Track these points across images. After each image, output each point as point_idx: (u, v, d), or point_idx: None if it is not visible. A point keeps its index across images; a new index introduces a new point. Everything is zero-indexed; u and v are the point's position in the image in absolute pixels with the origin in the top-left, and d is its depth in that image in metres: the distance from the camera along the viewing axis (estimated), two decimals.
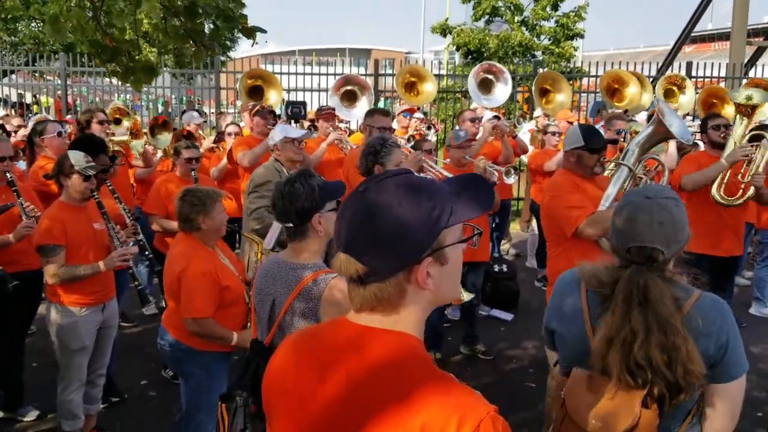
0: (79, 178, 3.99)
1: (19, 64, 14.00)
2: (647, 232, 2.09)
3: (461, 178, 1.42)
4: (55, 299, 4.02)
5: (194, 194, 3.61)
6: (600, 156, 3.92)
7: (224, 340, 3.53)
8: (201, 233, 3.60)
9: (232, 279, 3.63)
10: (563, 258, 3.87)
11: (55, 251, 3.90)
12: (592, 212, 3.70)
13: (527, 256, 8.71)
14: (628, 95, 8.53)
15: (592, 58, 23.09)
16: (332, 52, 33.34)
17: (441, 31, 18.17)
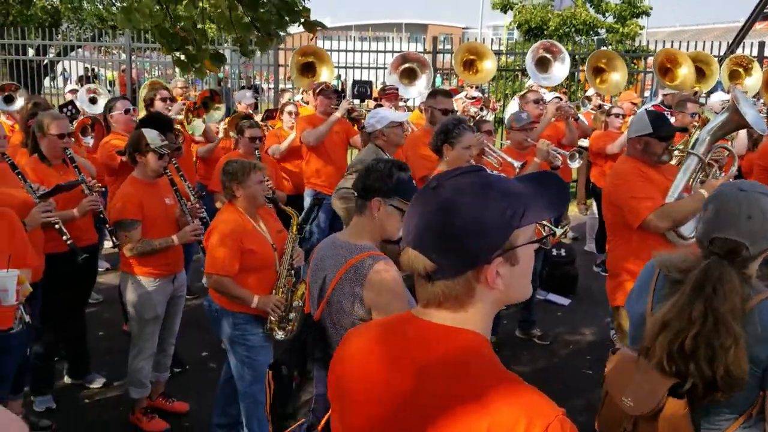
0: (154, 156, 4.16)
1: (86, 39, 14.38)
2: (733, 224, 2.05)
3: (535, 176, 1.40)
4: (130, 270, 4.21)
5: (231, 164, 3.88)
6: (668, 144, 3.79)
7: (243, 300, 3.71)
8: (239, 201, 3.83)
9: (261, 245, 3.81)
10: (624, 247, 3.79)
11: (133, 225, 4.08)
12: (660, 203, 3.59)
13: (586, 240, 8.54)
14: (680, 75, 8.24)
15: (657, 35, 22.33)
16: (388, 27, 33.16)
17: (501, 7, 17.80)
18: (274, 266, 3.86)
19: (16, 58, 12.54)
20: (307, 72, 8.25)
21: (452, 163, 4.11)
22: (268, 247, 3.85)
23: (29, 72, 12.55)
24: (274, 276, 3.86)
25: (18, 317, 3.37)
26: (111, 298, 6.13)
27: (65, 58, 14.77)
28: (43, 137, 4.42)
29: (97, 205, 4.41)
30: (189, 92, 8.54)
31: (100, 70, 17.04)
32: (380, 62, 11.74)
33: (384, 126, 4.82)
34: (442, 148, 4.26)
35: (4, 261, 3.23)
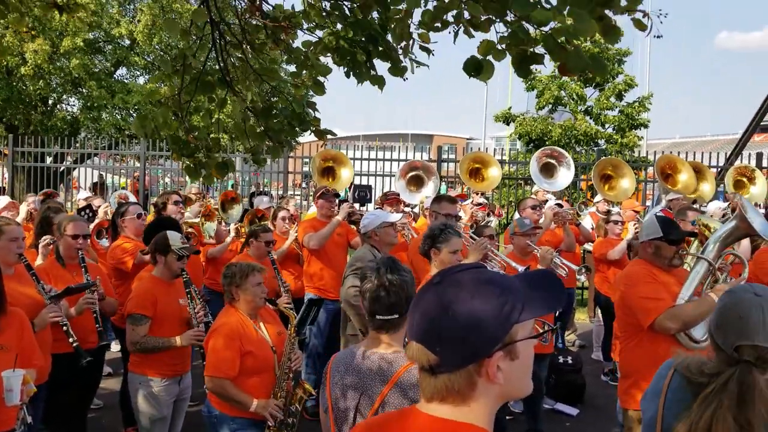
0: (174, 257, 4.31)
1: (103, 148, 14.90)
2: (760, 332, 2.06)
3: (533, 274, 1.46)
4: (139, 371, 4.24)
5: (230, 268, 3.97)
6: (679, 248, 3.88)
7: (242, 403, 3.69)
8: (239, 303, 3.89)
9: (260, 347, 3.82)
10: (636, 350, 3.80)
11: (141, 321, 4.17)
12: (670, 305, 3.64)
13: (593, 348, 8.44)
14: (681, 181, 8.42)
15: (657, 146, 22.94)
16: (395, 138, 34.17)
17: (503, 119, 18.46)
18: (274, 369, 3.85)
19: (34, 165, 12.95)
20: (326, 175, 8.48)
21: (440, 268, 4.17)
22: (268, 349, 3.86)
23: (46, 179, 12.92)
24: (273, 379, 3.84)
25: (20, 418, 3.34)
26: (111, 404, 6.03)
27: (81, 165, 15.23)
28: (60, 238, 4.54)
29: (93, 305, 4.46)
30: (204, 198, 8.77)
31: (114, 177, 17.52)
32: (386, 170, 12.07)
33: (376, 226, 4.95)
34: (430, 252, 4.34)
35: (12, 360, 3.24)
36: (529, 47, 2.53)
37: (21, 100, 17.48)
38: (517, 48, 2.53)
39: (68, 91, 18.53)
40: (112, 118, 18.30)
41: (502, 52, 2.57)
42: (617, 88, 17.60)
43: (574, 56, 2.47)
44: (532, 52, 2.56)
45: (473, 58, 2.56)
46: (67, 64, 16.91)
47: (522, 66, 2.60)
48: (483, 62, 2.56)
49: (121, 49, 19.19)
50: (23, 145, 13.00)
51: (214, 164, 3.46)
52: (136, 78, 20.32)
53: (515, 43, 2.52)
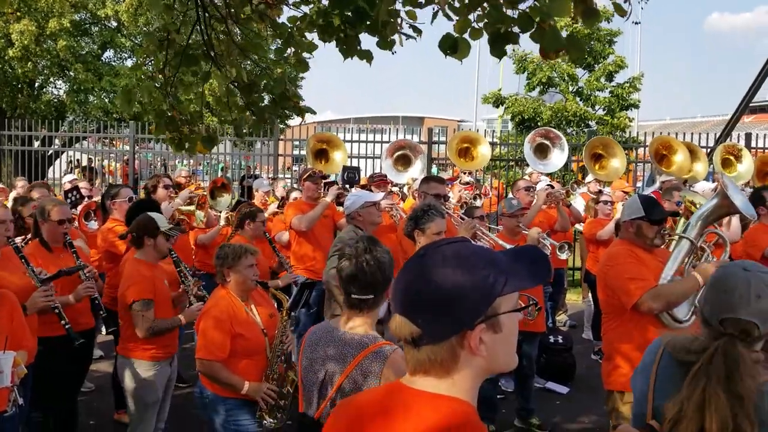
0: (163, 238, 4.29)
1: (91, 131, 14.78)
2: (744, 305, 2.06)
3: (518, 249, 1.46)
4: (130, 354, 4.21)
5: (223, 249, 3.95)
6: (660, 228, 3.87)
7: (233, 386, 3.69)
8: (230, 285, 3.87)
9: (251, 330, 3.81)
10: (619, 330, 3.80)
11: (149, 306, 4.14)
12: (652, 285, 3.63)
13: (583, 328, 8.50)
14: (676, 162, 8.41)
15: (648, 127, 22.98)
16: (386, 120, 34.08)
17: (494, 101, 18.40)
18: (265, 352, 3.85)
19: (22, 148, 12.84)
20: (320, 158, 8.43)
21: None
22: (259, 332, 3.85)
23: (34, 162, 12.81)
24: (265, 361, 3.84)
25: (11, 400, 3.34)
26: (103, 387, 6.04)
27: (69, 149, 15.11)
28: (44, 222, 4.50)
29: (93, 291, 4.44)
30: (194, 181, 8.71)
31: (104, 161, 17.41)
32: (377, 152, 12.03)
33: (359, 206, 4.94)
34: (413, 233, 4.36)
35: (2, 342, 3.23)
36: (504, 26, 2.51)
37: (7, 82, 17.28)
38: (492, 27, 2.50)
39: (55, 73, 18.33)
40: (99, 102, 18.15)
41: (478, 30, 2.54)
42: (607, 69, 17.56)
43: (550, 36, 2.45)
44: (507, 31, 2.53)
45: (449, 36, 2.54)
46: (54, 46, 16.71)
47: (497, 45, 2.58)
48: (459, 40, 2.54)
49: (108, 31, 18.99)
50: (10, 129, 12.87)
51: (199, 138, 3.43)
52: (123, 60, 20.14)
53: (491, 21, 2.49)
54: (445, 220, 4.49)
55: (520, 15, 2.48)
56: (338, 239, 4.96)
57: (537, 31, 2.47)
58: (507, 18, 2.47)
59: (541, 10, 2.40)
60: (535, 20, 2.44)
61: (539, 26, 2.45)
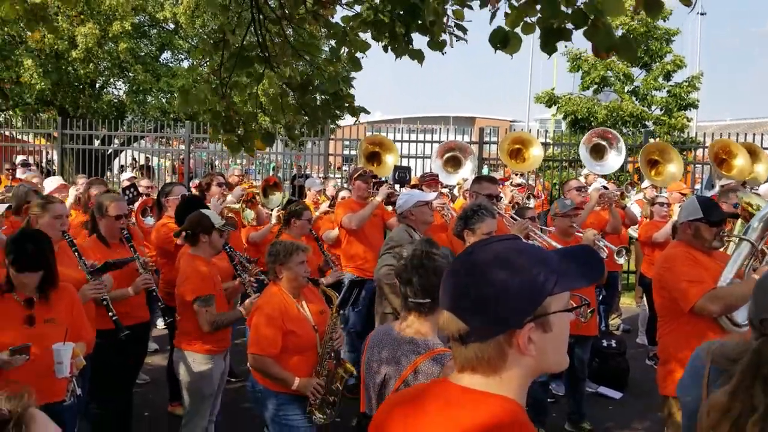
0: (218, 234, 4.38)
1: (149, 130, 15.19)
2: None
3: (570, 248, 1.43)
4: (188, 348, 4.31)
5: (275, 246, 4.00)
6: (719, 229, 3.75)
7: (284, 381, 3.73)
8: (282, 282, 3.92)
9: (302, 326, 3.85)
10: (675, 334, 3.70)
11: (210, 302, 4.24)
12: (711, 287, 3.53)
13: (638, 333, 8.31)
14: (736, 166, 8.13)
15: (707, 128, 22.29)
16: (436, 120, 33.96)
17: (547, 101, 18.13)
18: (316, 348, 3.89)
19: (83, 147, 13.29)
20: (372, 160, 8.47)
21: None
22: (310, 328, 3.89)
23: (94, 160, 13.24)
24: (315, 358, 3.88)
25: (70, 390, 3.45)
26: (158, 379, 6.19)
27: (127, 148, 15.55)
28: (102, 218, 4.63)
29: (150, 284, 4.54)
30: (246, 180, 8.86)
31: (160, 160, 17.87)
32: (427, 152, 12.01)
33: (411, 205, 4.93)
34: (463, 233, 4.33)
35: (62, 334, 3.35)
36: (557, 21, 2.46)
37: (69, 83, 17.89)
38: (545, 22, 2.46)
39: (115, 74, 18.91)
40: (157, 102, 18.64)
41: (530, 25, 2.50)
42: (665, 68, 17.11)
43: (602, 34, 2.40)
44: (560, 27, 2.49)
45: (500, 29, 2.51)
46: (115, 48, 17.24)
47: (548, 41, 2.53)
48: (510, 35, 2.50)
49: (166, 33, 19.49)
50: (72, 128, 13.33)
51: (257, 136, 3.49)
52: (180, 62, 20.63)
53: (545, 16, 2.45)
54: (496, 221, 4.45)
55: (574, 11, 2.44)
56: (390, 237, 4.98)
57: (590, 29, 2.43)
58: (561, 13, 2.43)
59: (596, 8, 2.36)
60: (589, 17, 2.40)
61: (593, 24, 2.41)
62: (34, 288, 3.44)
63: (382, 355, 2.62)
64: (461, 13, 3.03)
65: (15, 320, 3.38)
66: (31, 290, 3.44)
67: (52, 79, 16.94)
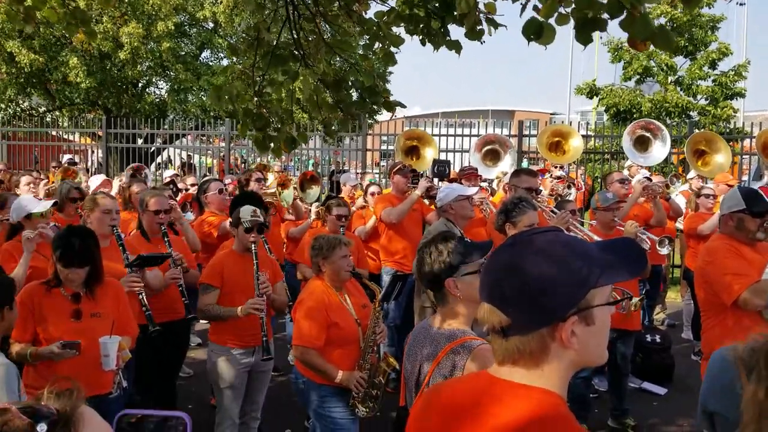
0: (242, 229, 4.38)
1: (190, 129, 15.44)
2: None
3: (613, 240, 1.41)
4: (212, 338, 4.42)
5: (318, 240, 4.02)
6: (763, 221, 3.65)
7: (327, 374, 3.76)
8: (325, 275, 3.95)
9: (345, 319, 3.88)
10: (719, 328, 3.62)
11: (207, 290, 4.31)
12: (755, 280, 3.43)
13: (683, 327, 8.13)
14: None
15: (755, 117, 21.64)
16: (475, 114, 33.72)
17: (588, 92, 17.83)
18: (358, 341, 3.91)
19: (126, 146, 13.59)
20: (411, 154, 8.45)
21: None
22: (353, 321, 3.92)
23: (137, 159, 13.54)
24: (358, 351, 3.90)
25: (116, 382, 3.55)
26: (201, 373, 6.29)
27: (170, 146, 15.82)
28: (144, 213, 4.74)
29: (178, 279, 4.56)
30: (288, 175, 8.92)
31: (201, 157, 18.15)
32: (465, 146, 11.94)
33: (452, 199, 4.91)
34: (504, 227, 4.31)
35: (108, 327, 3.44)
36: (591, 11, 2.41)
37: (113, 83, 18.29)
38: (580, 12, 2.42)
39: (158, 73, 19.26)
40: (198, 100, 18.92)
41: (565, 16, 2.46)
42: (710, 57, 16.66)
43: (639, 24, 2.34)
44: (595, 17, 2.44)
45: (534, 20, 2.47)
46: (158, 48, 17.56)
47: (583, 30, 2.48)
48: (543, 25, 2.46)
49: (206, 32, 19.77)
50: (116, 127, 13.65)
51: (283, 138, 3.50)
52: (220, 60, 20.90)
53: (579, 6, 2.40)
54: (537, 213, 4.41)
55: (609, 0, 2.39)
56: (428, 232, 4.98)
57: (626, 19, 2.37)
58: (596, 3, 2.39)
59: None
60: (625, 6, 2.35)
61: (629, 13, 2.35)
62: (81, 283, 3.54)
63: (421, 350, 2.63)
64: (493, 6, 2.99)
65: (63, 314, 3.49)
66: (77, 285, 3.54)
67: (97, 79, 17.33)
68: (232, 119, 12.62)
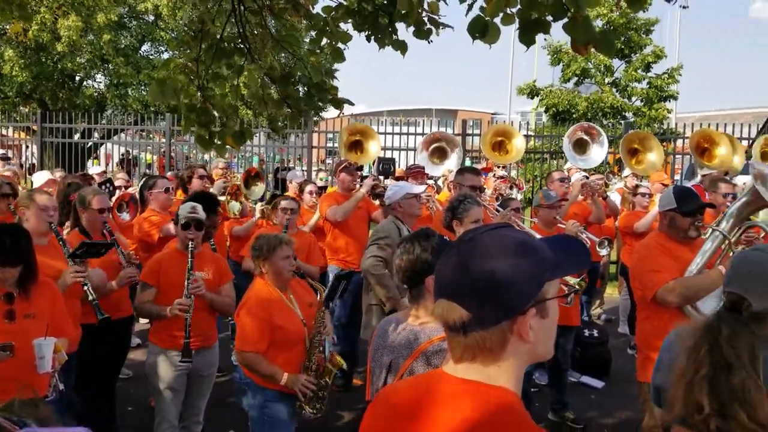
0: (178, 227, 4.30)
1: (129, 124, 15.03)
2: (734, 279, 2.15)
3: (557, 237, 1.44)
4: (152, 339, 4.33)
5: (258, 240, 3.94)
6: (695, 219, 3.80)
7: (272, 377, 3.69)
8: (267, 276, 3.87)
9: (290, 320, 3.80)
10: (653, 322, 3.75)
11: (144, 288, 4.24)
12: (673, 277, 3.58)
13: (619, 322, 8.38)
14: (718, 155, 8.21)
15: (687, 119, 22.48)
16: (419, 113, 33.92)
17: (528, 93, 18.20)
18: (304, 342, 3.85)
19: (62, 140, 13.12)
20: (354, 149, 8.42)
21: None
22: (298, 322, 3.85)
23: (74, 155, 13.10)
24: (304, 352, 3.84)
25: (52, 385, 3.42)
26: (141, 374, 6.13)
27: (107, 141, 15.36)
28: (84, 211, 4.59)
29: (135, 278, 4.49)
30: (229, 174, 8.77)
31: (140, 153, 17.70)
32: (410, 145, 12.00)
33: (400, 197, 4.94)
34: (452, 224, 4.37)
35: (43, 328, 3.31)
36: (536, 13, 2.47)
37: (50, 76, 17.65)
38: (525, 13, 2.47)
39: (97, 66, 18.68)
40: (138, 95, 18.43)
41: (510, 16, 2.51)
42: (645, 60, 17.23)
43: (582, 27, 2.41)
44: (539, 19, 2.49)
45: (479, 18, 2.51)
46: (97, 41, 17.02)
47: (527, 32, 2.54)
48: (489, 24, 2.50)
49: (147, 25, 19.27)
50: (51, 122, 13.16)
51: (230, 133, 3.43)
52: (161, 54, 20.42)
53: (524, 7, 2.46)
54: (482, 210, 4.48)
55: (553, 3, 2.45)
56: (377, 229, 4.98)
57: (569, 22, 2.43)
58: (540, 5, 2.44)
59: (575, 1, 2.36)
60: (568, 9, 2.41)
61: (572, 17, 2.41)
62: (14, 283, 3.39)
63: (392, 343, 2.63)
64: (436, 6, 3.01)
65: None
66: (10, 285, 3.39)
67: (33, 72, 16.69)
68: (174, 114, 12.37)
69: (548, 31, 2.56)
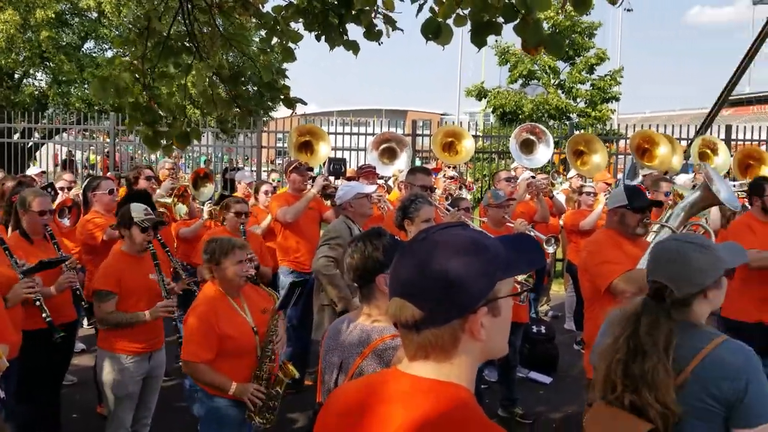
0: (138, 229, 4.17)
1: (71, 123, 14.59)
2: (657, 268, 2.27)
3: (511, 236, 1.46)
4: (106, 347, 4.16)
5: (209, 245, 3.78)
6: (643, 216, 3.92)
7: (220, 387, 3.58)
8: (218, 282, 3.74)
9: (240, 329, 3.67)
10: (600, 318, 3.81)
11: (107, 297, 4.06)
12: (628, 269, 3.68)
13: (565, 319, 8.57)
14: (659, 155, 8.49)
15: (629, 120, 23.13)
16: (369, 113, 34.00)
17: (476, 94, 18.44)
18: (255, 351, 3.71)
19: (0, 140, 12.65)
20: (304, 150, 8.35)
21: None
22: (248, 330, 3.70)
23: (13, 155, 12.64)
24: (255, 361, 3.70)
25: None
26: (85, 380, 5.98)
27: (49, 141, 14.89)
28: (25, 213, 4.44)
29: (74, 283, 4.39)
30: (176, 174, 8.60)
31: (83, 153, 17.20)
32: (361, 145, 12.02)
33: (351, 197, 4.94)
34: (404, 223, 4.39)
35: None
36: (488, 15, 2.51)
37: None
38: (476, 15, 2.51)
39: (37, 64, 18.07)
40: (81, 93, 17.91)
41: (462, 18, 2.54)
42: (589, 62, 17.67)
43: (533, 30, 2.47)
44: (490, 21, 2.54)
45: (432, 20, 2.54)
46: (36, 37, 16.47)
47: (479, 33, 2.58)
48: (442, 25, 2.54)
49: (90, 22, 18.74)
50: None
51: (176, 133, 3.35)
52: (104, 52, 19.89)
53: (476, 9, 2.50)
54: (433, 209, 4.52)
55: (504, 5, 2.49)
56: (329, 229, 4.96)
57: (520, 24, 2.48)
58: (491, 7, 2.48)
59: (526, 3, 2.41)
60: (519, 12, 2.45)
61: (523, 19, 2.46)
62: None
63: (342, 343, 2.61)
64: (391, 3, 3.03)
65: None
66: None
67: None
68: (118, 113, 12.06)
69: (500, 32, 2.61)
